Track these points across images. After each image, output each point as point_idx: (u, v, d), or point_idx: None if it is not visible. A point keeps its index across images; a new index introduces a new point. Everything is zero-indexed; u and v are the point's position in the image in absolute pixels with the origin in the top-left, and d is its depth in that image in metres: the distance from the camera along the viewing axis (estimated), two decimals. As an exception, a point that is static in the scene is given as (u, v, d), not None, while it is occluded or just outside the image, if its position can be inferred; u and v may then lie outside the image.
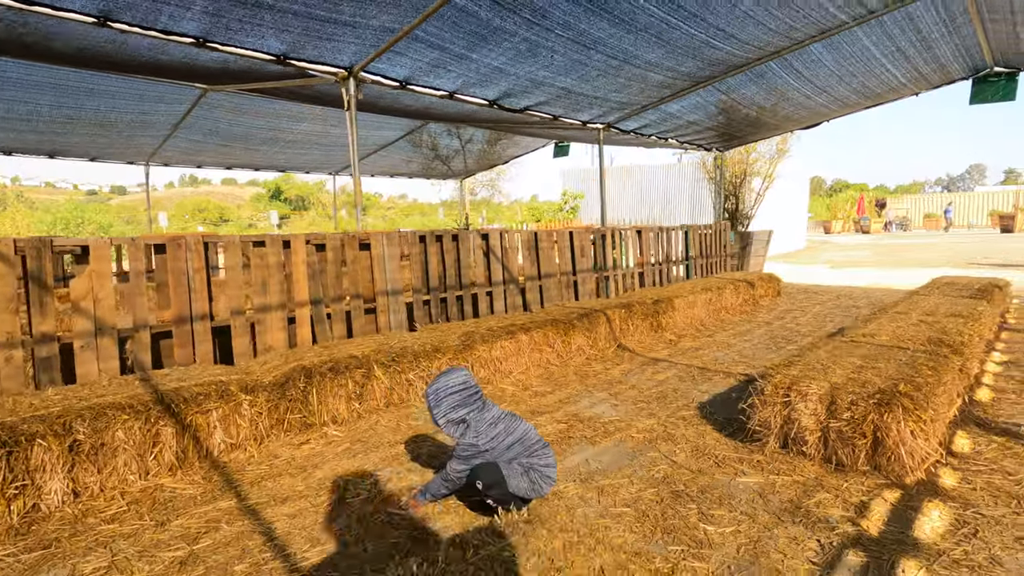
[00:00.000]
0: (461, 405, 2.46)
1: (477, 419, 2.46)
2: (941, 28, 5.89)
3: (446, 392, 2.47)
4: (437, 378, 2.53)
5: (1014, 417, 3.50)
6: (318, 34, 4.17)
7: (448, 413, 2.45)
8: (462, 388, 2.48)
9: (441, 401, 2.46)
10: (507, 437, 2.44)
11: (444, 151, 15.63)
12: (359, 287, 4.90)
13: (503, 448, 2.42)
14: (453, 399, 2.46)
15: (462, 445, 2.42)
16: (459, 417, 2.45)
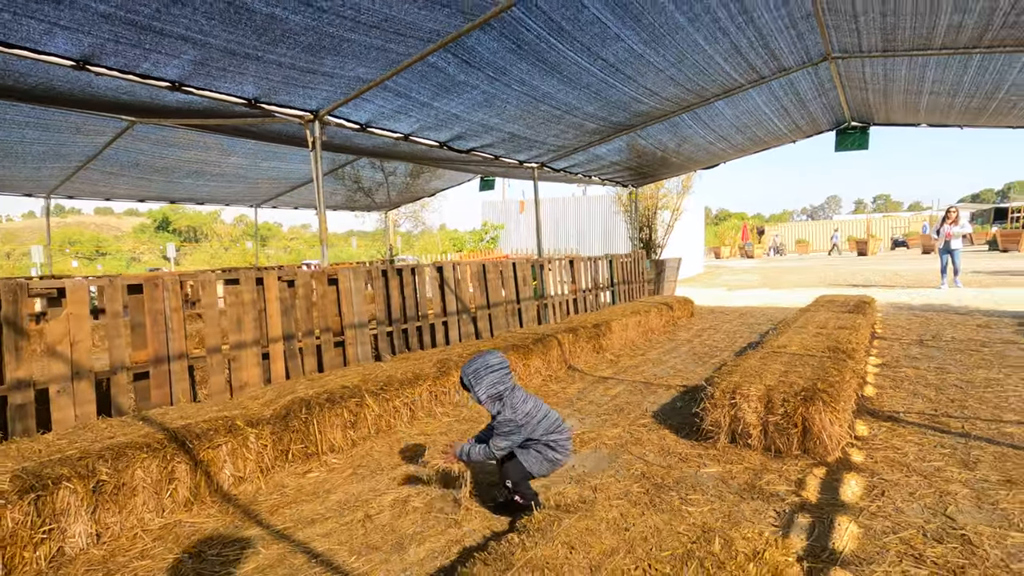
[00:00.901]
0: (499, 382, 2.70)
1: (511, 396, 2.72)
2: (814, 91, 7.18)
3: (486, 370, 2.70)
4: (475, 359, 2.76)
5: (894, 407, 4.39)
6: (296, 82, 4.40)
7: (488, 389, 2.68)
8: (499, 367, 2.73)
9: (482, 378, 2.68)
10: (537, 413, 2.74)
11: (367, 184, 15.73)
12: (328, 321, 5.05)
13: (535, 424, 2.71)
14: (492, 377, 2.70)
15: (501, 422, 2.68)
16: (497, 393, 2.69)
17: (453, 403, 4.64)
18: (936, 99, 6.98)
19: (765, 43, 5.32)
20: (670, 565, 1.53)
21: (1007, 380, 4.98)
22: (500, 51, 4.46)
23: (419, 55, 4.28)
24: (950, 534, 2.52)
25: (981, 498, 2.85)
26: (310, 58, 3.99)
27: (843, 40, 5.56)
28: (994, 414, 4.13)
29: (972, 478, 3.08)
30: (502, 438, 2.69)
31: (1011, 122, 7.69)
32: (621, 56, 4.88)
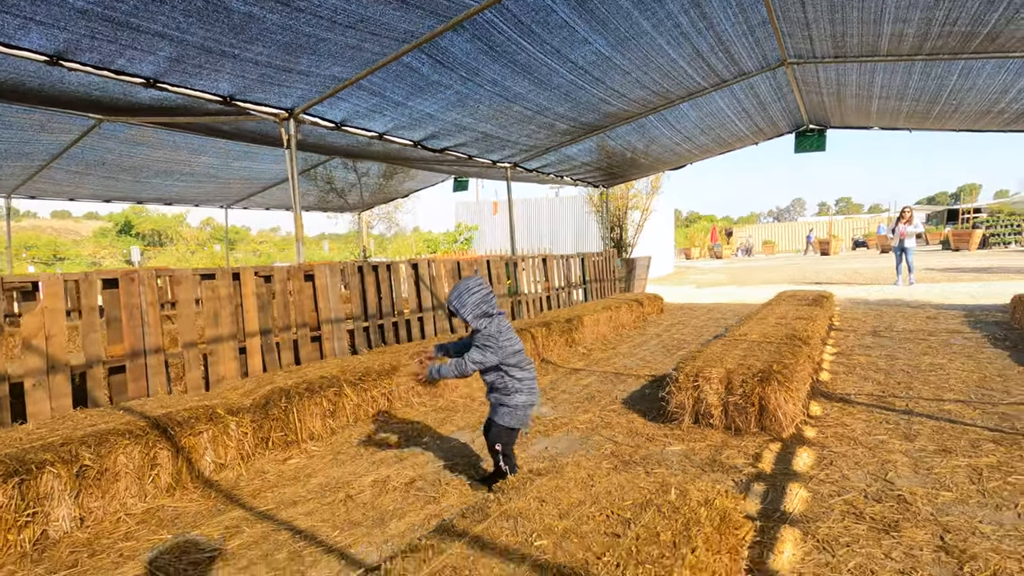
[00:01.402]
0: (483, 302, 2.79)
1: (498, 318, 2.83)
2: (773, 95, 7.53)
3: (467, 293, 2.78)
4: (456, 286, 2.85)
5: (846, 390, 4.69)
6: (272, 80, 4.47)
7: (474, 309, 2.77)
8: (479, 288, 2.81)
9: (466, 301, 2.77)
10: (515, 343, 2.86)
11: (340, 184, 15.68)
12: (305, 316, 5.11)
13: (512, 351, 2.83)
14: (475, 297, 2.78)
15: (484, 335, 2.75)
16: (483, 312, 2.78)
17: (430, 393, 4.76)
18: (885, 103, 7.40)
19: (725, 48, 5.60)
20: (630, 511, 1.70)
21: (950, 365, 5.34)
22: (473, 52, 4.62)
23: (394, 55, 4.41)
24: (888, 495, 2.76)
25: (918, 465, 3.11)
26: (286, 57, 4.08)
27: (797, 46, 5.89)
28: (935, 394, 4.45)
29: (911, 448, 3.35)
30: (479, 351, 2.77)
31: (954, 125, 8.18)
32: (589, 59, 5.09)
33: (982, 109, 7.04)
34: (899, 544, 2.32)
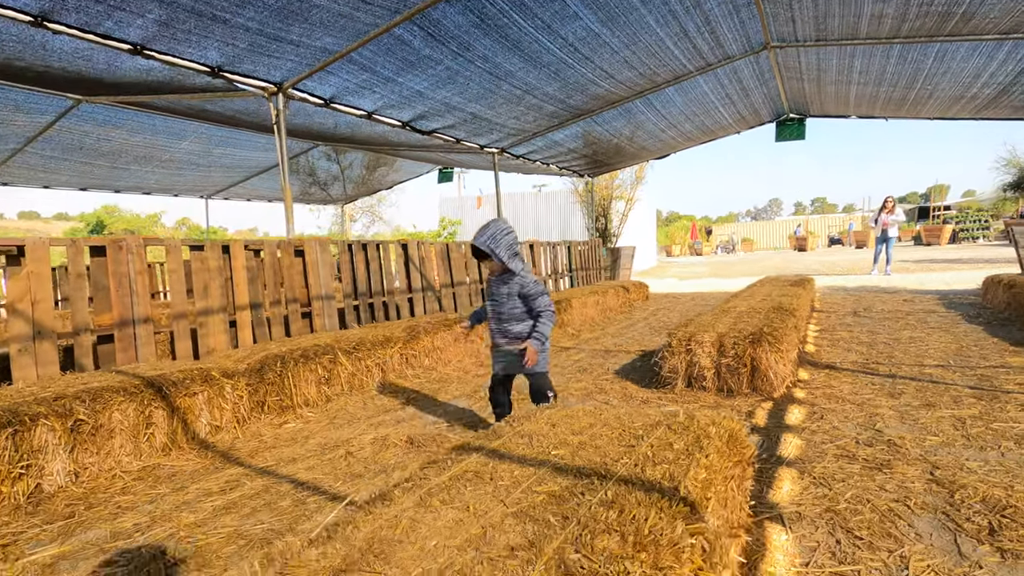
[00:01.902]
0: (515, 243, 2.86)
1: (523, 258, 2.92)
2: (756, 80, 7.68)
3: (502, 234, 2.83)
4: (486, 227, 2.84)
5: (831, 360, 4.81)
6: (262, 50, 4.42)
7: (508, 250, 2.82)
8: (510, 228, 2.89)
9: (499, 241, 2.80)
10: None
11: (323, 176, 15.53)
12: (295, 291, 5.06)
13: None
14: (508, 238, 2.84)
15: (532, 280, 2.89)
16: (515, 252, 2.85)
17: (423, 366, 4.75)
18: (864, 88, 7.59)
19: (711, 28, 5.69)
20: (641, 430, 1.73)
21: (928, 338, 5.51)
22: (465, 25, 4.63)
23: (386, 26, 4.39)
24: (878, 440, 2.85)
25: (904, 417, 3.21)
26: (278, 24, 4.04)
27: (780, 29, 6.02)
28: (917, 360, 4.59)
29: (897, 404, 3.46)
30: (544, 296, 2.88)
31: (928, 113, 8.43)
32: (579, 35, 5.13)
33: (955, 95, 7.27)
34: (891, 479, 2.39)
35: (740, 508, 1.82)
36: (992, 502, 2.13)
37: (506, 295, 2.93)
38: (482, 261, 2.96)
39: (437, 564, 1.03)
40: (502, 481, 1.37)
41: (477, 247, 2.83)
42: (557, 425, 1.82)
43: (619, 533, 1.09)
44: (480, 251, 2.86)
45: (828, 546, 1.89)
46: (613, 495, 1.25)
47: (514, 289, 2.90)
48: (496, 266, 2.91)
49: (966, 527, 1.97)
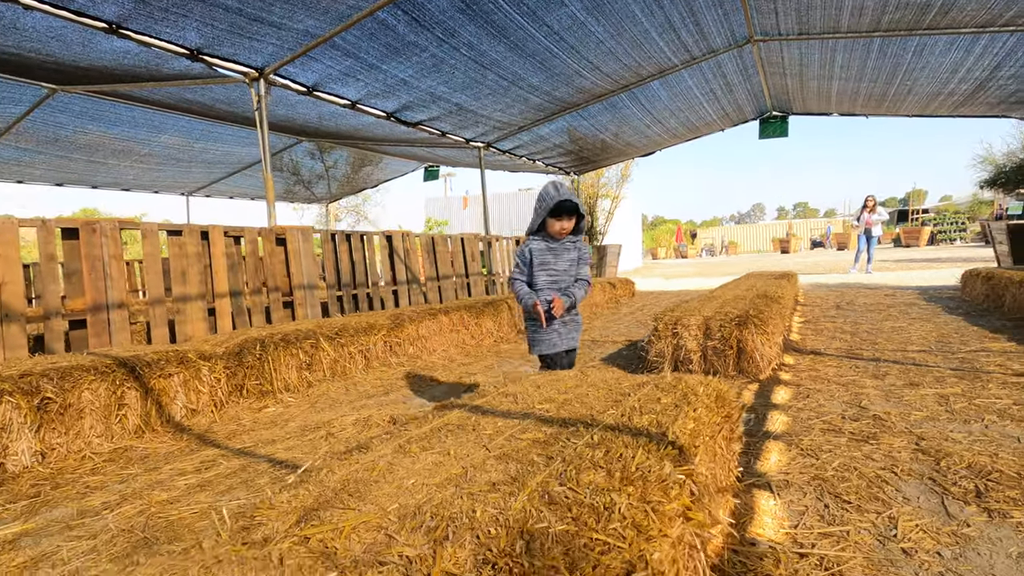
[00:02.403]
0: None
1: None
2: (740, 76, 7.74)
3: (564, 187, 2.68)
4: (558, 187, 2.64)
5: (816, 347, 4.83)
6: (242, 31, 4.33)
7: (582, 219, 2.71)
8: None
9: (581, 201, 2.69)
10: None
11: (307, 175, 15.37)
12: (277, 280, 4.96)
13: None
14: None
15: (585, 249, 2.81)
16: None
17: (408, 354, 4.68)
18: (845, 84, 7.69)
19: (695, 19, 5.72)
20: (629, 389, 1.70)
21: (910, 327, 5.57)
22: (450, 10, 4.59)
23: (369, 8, 4.34)
24: (864, 416, 2.85)
25: (889, 395, 3.22)
26: (259, 2, 3.95)
27: (764, 21, 6.07)
28: (900, 346, 4.63)
29: (881, 384, 3.47)
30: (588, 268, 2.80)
31: (907, 110, 8.57)
32: (565, 23, 5.12)
33: (933, 91, 7.39)
34: (878, 449, 2.38)
35: (729, 470, 1.79)
36: (978, 468, 2.12)
37: (569, 262, 2.74)
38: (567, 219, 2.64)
39: (415, 499, 0.98)
40: (485, 431, 1.33)
41: (571, 201, 2.60)
42: (543, 386, 1.78)
43: (605, 470, 1.05)
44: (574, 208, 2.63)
45: (816, 510, 1.87)
46: (599, 439, 1.21)
47: (574, 255, 2.75)
48: (569, 227, 2.66)
49: (953, 490, 1.96)
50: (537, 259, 2.71)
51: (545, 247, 2.71)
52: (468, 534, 0.86)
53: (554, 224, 2.63)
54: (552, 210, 2.61)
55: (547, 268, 2.71)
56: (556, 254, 2.71)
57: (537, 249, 2.70)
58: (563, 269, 2.72)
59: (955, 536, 1.67)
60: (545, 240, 2.71)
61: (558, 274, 2.72)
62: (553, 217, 2.62)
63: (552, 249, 2.71)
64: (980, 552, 1.59)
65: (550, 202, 2.59)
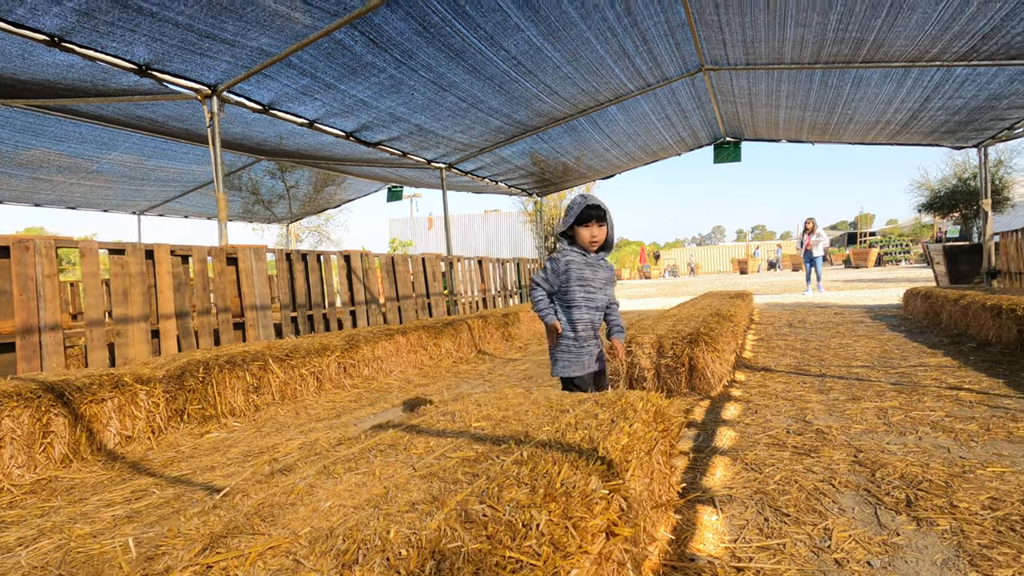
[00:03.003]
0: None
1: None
2: (694, 103, 8.03)
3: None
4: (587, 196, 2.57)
5: (767, 364, 4.96)
6: (193, 48, 4.26)
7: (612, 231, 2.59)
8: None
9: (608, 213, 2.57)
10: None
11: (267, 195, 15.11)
12: (227, 301, 4.82)
13: None
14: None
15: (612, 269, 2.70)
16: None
17: (363, 376, 4.59)
18: (791, 113, 8.07)
19: (648, 48, 5.93)
20: (569, 405, 1.70)
21: (856, 344, 5.78)
22: (407, 32, 4.63)
23: (326, 29, 4.34)
24: (807, 430, 2.92)
25: (832, 409, 3.32)
26: (210, 19, 3.91)
27: (713, 52, 6.34)
28: (845, 363, 4.79)
29: (826, 399, 3.58)
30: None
31: (849, 138, 9.04)
32: (522, 48, 5.23)
33: (872, 120, 7.83)
34: (819, 462, 2.44)
35: (669, 486, 1.80)
36: (910, 478, 2.19)
37: (603, 280, 2.62)
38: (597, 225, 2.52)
39: (330, 522, 0.95)
40: (416, 450, 1.30)
41: (598, 206, 2.51)
42: (484, 405, 1.77)
43: (529, 486, 1.04)
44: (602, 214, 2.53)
45: (756, 523, 1.89)
46: (529, 455, 1.20)
47: (608, 273, 2.64)
48: (603, 237, 2.55)
49: (886, 500, 2.01)
50: (575, 273, 2.55)
51: (583, 261, 2.57)
52: (379, 556, 0.83)
53: (583, 233, 2.52)
54: (580, 217, 2.51)
55: (585, 284, 2.57)
56: (593, 270, 2.59)
57: (575, 262, 2.56)
58: (599, 287, 2.60)
59: (885, 545, 1.71)
60: (583, 254, 2.57)
61: (595, 291, 2.59)
62: (582, 225, 2.52)
63: (590, 264, 2.58)
64: (907, 560, 1.64)
65: (577, 209, 2.51)
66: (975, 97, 6.52)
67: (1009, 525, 1.78)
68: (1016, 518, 1.82)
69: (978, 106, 6.81)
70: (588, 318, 2.56)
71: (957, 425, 2.86)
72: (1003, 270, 8.43)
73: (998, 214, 10.38)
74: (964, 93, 6.43)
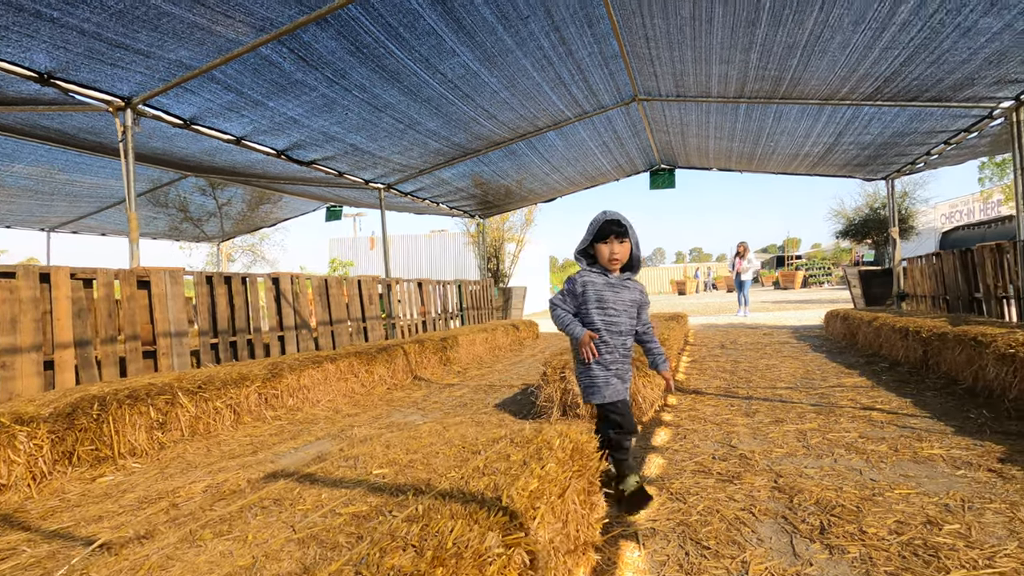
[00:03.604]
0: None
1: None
2: (629, 131, 8.29)
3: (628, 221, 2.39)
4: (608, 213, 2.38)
5: (698, 386, 5.06)
6: (103, 58, 3.98)
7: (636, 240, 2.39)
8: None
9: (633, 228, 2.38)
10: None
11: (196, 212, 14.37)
12: (137, 328, 4.46)
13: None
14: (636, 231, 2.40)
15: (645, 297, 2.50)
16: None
17: (287, 407, 4.33)
18: (720, 143, 8.46)
19: (584, 77, 6.07)
20: (483, 445, 1.62)
21: (781, 365, 6.02)
22: (339, 51, 4.52)
23: (251, 44, 4.17)
24: (732, 455, 2.96)
25: (756, 433, 3.40)
26: (121, 28, 3.66)
27: (646, 83, 6.57)
28: (771, 384, 4.96)
29: (751, 422, 3.66)
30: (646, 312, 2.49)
31: (773, 168, 9.57)
32: (458, 72, 5.22)
33: (792, 152, 8.32)
34: (741, 489, 2.47)
35: (588, 525, 1.74)
36: (824, 503, 2.24)
37: (629, 303, 2.42)
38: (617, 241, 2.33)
39: (175, 606, 0.82)
40: (303, 506, 1.18)
41: (619, 221, 2.32)
42: (393, 446, 1.66)
43: (416, 549, 0.94)
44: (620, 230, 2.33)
45: (677, 559, 1.86)
46: (425, 510, 1.11)
47: (637, 296, 2.45)
48: (626, 255, 2.36)
49: (801, 528, 2.04)
50: (593, 294, 2.36)
51: (604, 282, 2.38)
52: (224, 649, 0.72)
53: (603, 250, 2.34)
54: (598, 233, 2.34)
55: (605, 306, 2.36)
56: (615, 291, 2.39)
57: (593, 282, 2.38)
58: (621, 310, 2.39)
59: (799, 577, 1.72)
60: (604, 274, 2.39)
61: (616, 315, 2.38)
62: (601, 242, 2.34)
63: (611, 285, 2.38)
64: (819, 592, 1.65)
65: (596, 225, 2.35)
66: (881, 134, 7.05)
67: (912, 550, 1.83)
68: (919, 542, 1.87)
69: (884, 142, 7.37)
70: (613, 342, 2.39)
71: (869, 446, 2.98)
72: (911, 293, 9.09)
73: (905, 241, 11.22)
74: (872, 130, 6.95)
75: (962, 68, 4.94)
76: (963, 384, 4.27)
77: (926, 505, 2.18)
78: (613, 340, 2.37)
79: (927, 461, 2.71)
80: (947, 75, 5.12)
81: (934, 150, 7.54)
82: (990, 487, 2.34)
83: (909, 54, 4.77)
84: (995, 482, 2.39)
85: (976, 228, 22.49)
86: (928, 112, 6.12)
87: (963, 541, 1.86)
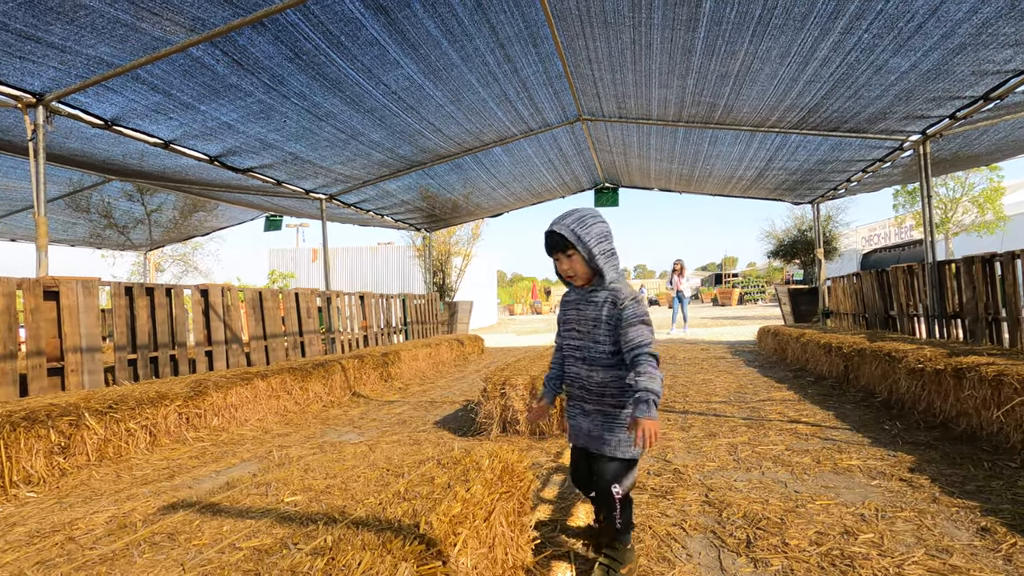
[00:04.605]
0: (609, 236, 1.87)
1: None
2: (574, 149, 8.45)
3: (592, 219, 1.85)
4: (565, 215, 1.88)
5: (637, 399, 5.14)
6: (10, 49, 3.66)
7: (599, 242, 1.82)
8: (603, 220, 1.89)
9: (590, 226, 1.83)
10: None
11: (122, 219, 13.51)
12: (41, 343, 4.09)
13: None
14: (602, 227, 1.85)
15: (636, 303, 1.81)
16: (612, 249, 1.87)
17: (211, 427, 4.07)
18: (660, 164, 8.76)
19: (529, 95, 6.15)
20: (407, 468, 1.56)
21: (716, 379, 6.21)
22: (277, 57, 4.38)
23: (181, 44, 3.97)
24: (667, 470, 3.00)
25: (691, 447, 3.47)
26: (29, 19, 3.40)
27: (589, 104, 6.73)
28: (706, 398, 5.11)
29: (686, 436, 3.74)
30: (647, 328, 1.78)
31: (710, 189, 10.00)
32: (402, 84, 5.17)
33: (727, 175, 8.72)
34: (673, 504, 2.49)
35: (518, 547, 1.70)
36: (751, 516, 2.29)
37: (591, 322, 1.87)
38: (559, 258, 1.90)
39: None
40: (200, 540, 1.08)
41: (557, 233, 1.84)
42: (311, 470, 1.57)
43: (319, 586, 0.87)
44: (557, 242, 1.86)
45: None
46: (334, 541, 1.03)
47: (603, 311, 1.84)
48: (579, 268, 1.85)
49: (728, 542, 2.07)
50: (563, 315, 2.01)
51: (575, 298, 1.96)
52: None
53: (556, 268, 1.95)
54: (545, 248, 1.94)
55: (570, 328, 1.96)
56: (574, 308, 1.96)
57: (567, 300, 2.00)
58: (586, 331, 1.89)
59: (725, 592, 1.74)
60: (577, 290, 1.96)
61: (579, 337, 1.91)
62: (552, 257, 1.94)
63: (577, 302, 1.95)
64: (743, 607, 1.67)
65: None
66: (807, 161, 7.50)
67: (831, 560, 1.89)
68: (836, 552, 1.94)
69: (809, 168, 7.84)
70: (576, 372, 1.92)
71: (794, 459, 3.09)
72: (834, 311, 9.65)
73: (829, 261, 11.94)
74: (798, 157, 7.38)
75: (876, 103, 5.33)
76: (879, 397, 4.53)
77: (844, 515, 2.27)
78: (575, 368, 1.93)
79: (846, 472, 2.84)
80: (863, 108, 5.51)
81: (854, 177, 8.09)
82: (901, 496, 2.47)
83: (830, 87, 5.11)
84: (906, 491, 2.53)
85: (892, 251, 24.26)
86: (847, 142, 6.57)
87: (876, 550, 1.94)
